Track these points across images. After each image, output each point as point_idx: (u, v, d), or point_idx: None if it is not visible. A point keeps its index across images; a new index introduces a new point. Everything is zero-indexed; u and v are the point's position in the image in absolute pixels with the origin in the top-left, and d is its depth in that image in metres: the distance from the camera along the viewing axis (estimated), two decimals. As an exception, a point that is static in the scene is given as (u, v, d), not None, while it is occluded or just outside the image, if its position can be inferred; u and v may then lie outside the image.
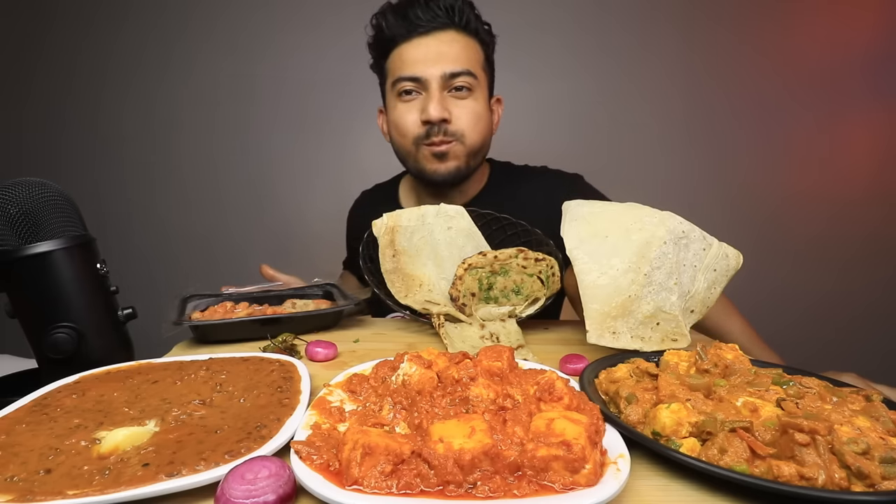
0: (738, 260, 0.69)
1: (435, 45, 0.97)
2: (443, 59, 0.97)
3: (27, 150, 2.18)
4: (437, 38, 0.97)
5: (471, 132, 1.01)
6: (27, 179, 0.61)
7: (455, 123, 0.99)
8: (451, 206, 0.94)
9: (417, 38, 0.97)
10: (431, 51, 0.97)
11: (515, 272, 0.86)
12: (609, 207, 0.73)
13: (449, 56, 0.97)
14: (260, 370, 0.57)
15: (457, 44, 0.98)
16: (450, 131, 0.99)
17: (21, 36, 2.10)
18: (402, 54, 0.99)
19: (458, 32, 0.98)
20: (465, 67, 0.98)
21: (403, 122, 1.01)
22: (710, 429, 0.41)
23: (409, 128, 1.01)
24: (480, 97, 1.02)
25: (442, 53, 0.97)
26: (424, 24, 0.96)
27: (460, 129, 1.00)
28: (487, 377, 0.49)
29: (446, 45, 0.97)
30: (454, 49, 0.97)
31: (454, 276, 0.86)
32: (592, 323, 0.63)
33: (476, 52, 1.01)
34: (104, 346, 0.63)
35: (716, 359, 0.54)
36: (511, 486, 0.35)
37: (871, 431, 0.40)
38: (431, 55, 0.97)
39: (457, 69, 0.97)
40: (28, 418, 0.46)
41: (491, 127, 1.08)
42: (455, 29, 0.98)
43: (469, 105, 1.00)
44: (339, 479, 0.36)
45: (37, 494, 0.34)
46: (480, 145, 1.04)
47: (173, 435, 0.42)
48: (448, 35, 0.98)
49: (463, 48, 0.99)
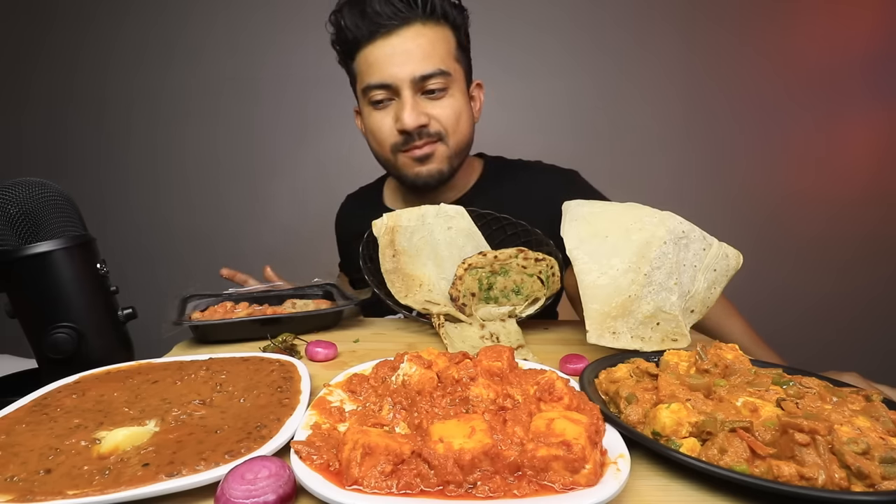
0: (738, 260, 0.69)
1: (400, 44, 0.90)
2: (411, 59, 0.90)
3: (27, 150, 2.18)
4: (401, 37, 0.90)
5: (453, 131, 0.96)
6: (27, 179, 0.61)
7: (434, 125, 0.94)
8: (452, 207, 0.93)
9: (381, 39, 0.90)
10: (398, 52, 0.90)
11: (515, 272, 0.86)
12: (609, 207, 0.73)
13: (417, 55, 0.90)
14: (260, 370, 0.56)
15: (423, 39, 0.90)
16: (431, 133, 0.94)
17: (22, 35, 2.10)
18: (368, 58, 0.92)
19: (424, 25, 0.91)
20: (437, 67, 0.91)
21: (379, 131, 0.96)
22: (710, 429, 0.41)
23: (386, 136, 0.96)
24: (457, 92, 0.96)
25: (409, 53, 0.90)
26: (385, 23, 0.89)
27: (441, 129, 0.95)
28: (487, 377, 0.49)
29: (412, 42, 0.90)
30: (422, 46, 0.90)
31: (454, 276, 0.86)
32: (592, 323, 0.63)
33: (447, 41, 0.94)
34: (104, 346, 0.63)
35: (716, 359, 0.54)
36: (511, 486, 0.35)
37: (871, 431, 0.40)
38: (398, 57, 0.90)
39: (427, 70, 0.90)
40: (28, 418, 0.46)
41: (472, 120, 1.02)
42: (420, 21, 0.90)
43: (446, 103, 0.94)
44: (339, 479, 0.36)
45: (37, 494, 0.34)
46: (464, 142, 1.00)
47: (173, 435, 0.42)
48: (413, 30, 0.90)
49: (431, 43, 0.91)
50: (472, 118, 1.02)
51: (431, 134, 0.94)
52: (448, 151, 0.97)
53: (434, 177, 0.98)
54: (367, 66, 0.93)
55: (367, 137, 1.02)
